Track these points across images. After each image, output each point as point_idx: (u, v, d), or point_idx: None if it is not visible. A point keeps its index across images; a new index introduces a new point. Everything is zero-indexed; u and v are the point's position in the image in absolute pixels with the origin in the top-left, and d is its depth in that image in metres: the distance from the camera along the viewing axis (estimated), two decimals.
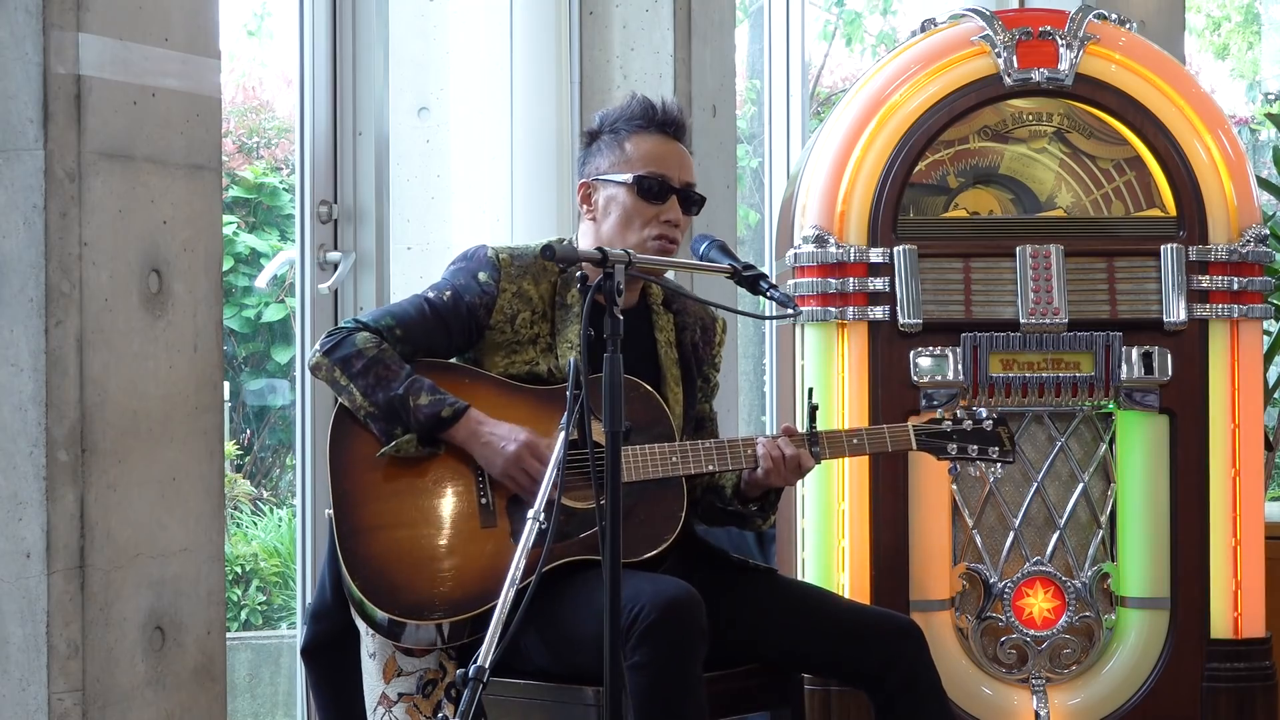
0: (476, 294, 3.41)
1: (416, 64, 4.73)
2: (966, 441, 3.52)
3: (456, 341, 3.44)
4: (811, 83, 7.34)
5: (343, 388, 3.32)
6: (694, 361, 3.58)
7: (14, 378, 3.06)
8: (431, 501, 3.31)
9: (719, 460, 3.40)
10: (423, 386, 3.30)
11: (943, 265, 4.00)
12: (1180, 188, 4.04)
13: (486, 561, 3.26)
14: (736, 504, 3.50)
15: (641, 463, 3.34)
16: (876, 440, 3.51)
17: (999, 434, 3.54)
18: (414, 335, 3.39)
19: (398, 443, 3.30)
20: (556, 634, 3.28)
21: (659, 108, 3.52)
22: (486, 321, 3.41)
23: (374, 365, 3.31)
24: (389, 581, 3.25)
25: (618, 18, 4.96)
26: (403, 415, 3.28)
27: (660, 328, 3.55)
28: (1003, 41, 4.04)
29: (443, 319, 3.41)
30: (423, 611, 3.24)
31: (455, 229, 4.72)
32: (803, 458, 3.42)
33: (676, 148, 3.52)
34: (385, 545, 3.27)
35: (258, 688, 5.55)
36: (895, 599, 3.91)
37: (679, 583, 3.22)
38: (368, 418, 3.31)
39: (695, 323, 3.61)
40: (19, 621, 3.06)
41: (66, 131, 3.07)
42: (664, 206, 3.46)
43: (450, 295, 3.42)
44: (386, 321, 3.38)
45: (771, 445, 3.40)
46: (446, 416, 3.29)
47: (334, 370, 3.32)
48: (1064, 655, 4.03)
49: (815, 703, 3.89)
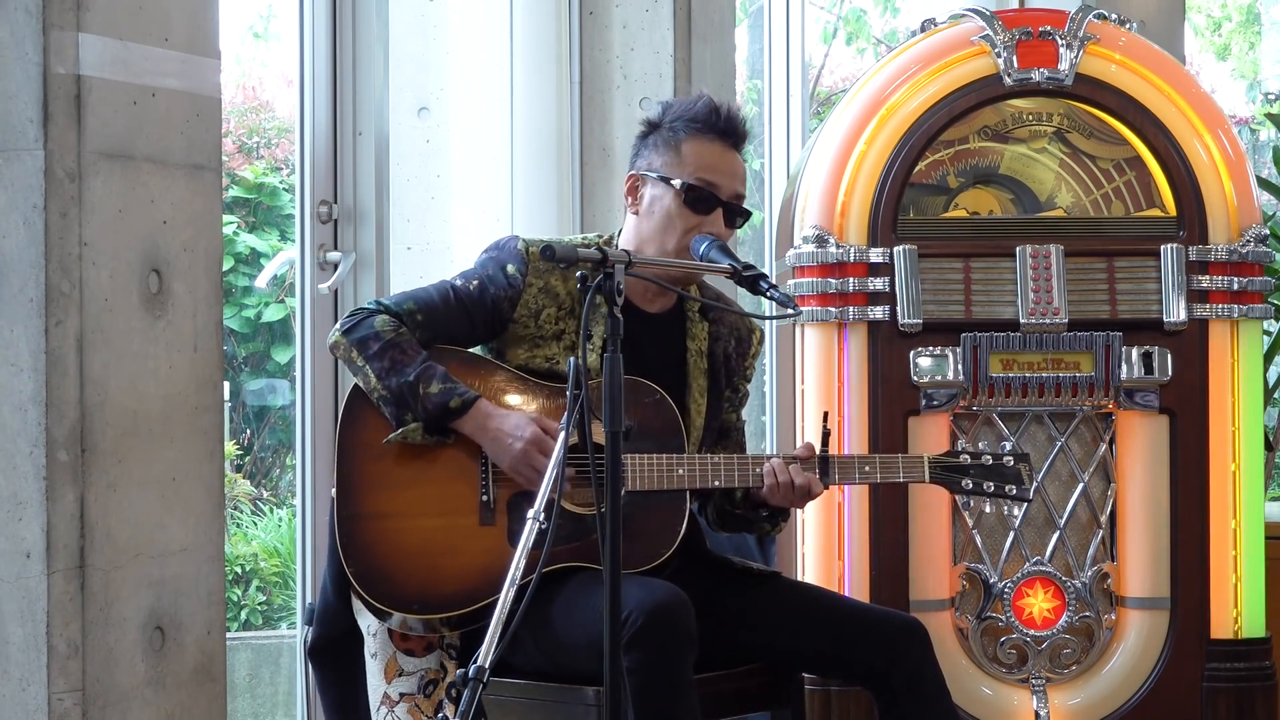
0: (503, 286, 3.40)
1: (416, 64, 4.73)
2: (983, 478, 3.44)
3: (479, 331, 3.42)
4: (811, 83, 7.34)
5: (359, 368, 3.32)
6: (724, 372, 3.54)
7: (14, 378, 3.06)
8: (433, 494, 3.31)
9: (725, 477, 3.36)
10: (435, 374, 3.29)
11: (943, 265, 4.00)
12: (1180, 188, 4.04)
13: (480, 560, 3.26)
14: (746, 509, 3.49)
15: (645, 472, 3.31)
16: (889, 469, 3.45)
17: (1019, 471, 3.45)
18: (435, 321, 3.38)
19: (404, 430, 3.29)
20: (548, 637, 3.28)
21: (723, 113, 3.44)
22: (510, 315, 3.40)
23: (390, 349, 3.30)
24: (381, 570, 3.25)
25: (618, 18, 4.96)
26: (412, 402, 3.28)
27: (693, 336, 3.51)
28: (1003, 41, 4.04)
29: (466, 308, 3.40)
30: (411, 604, 3.25)
31: (455, 229, 4.72)
32: (812, 485, 3.37)
33: (732, 157, 3.45)
34: (382, 534, 3.28)
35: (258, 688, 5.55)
36: (895, 599, 3.91)
37: (668, 586, 3.20)
38: (380, 400, 3.31)
39: (731, 334, 3.57)
40: (19, 621, 3.06)
41: (66, 131, 3.07)
42: (708, 218, 3.40)
43: (477, 285, 3.41)
44: (409, 306, 3.38)
45: (780, 469, 3.36)
46: (455, 407, 3.29)
47: (351, 350, 3.33)
48: (1064, 655, 4.03)
49: (815, 703, 3.90)
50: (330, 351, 3.40)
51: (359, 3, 4.37)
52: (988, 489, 3.44)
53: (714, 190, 3.41)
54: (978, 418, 4.03)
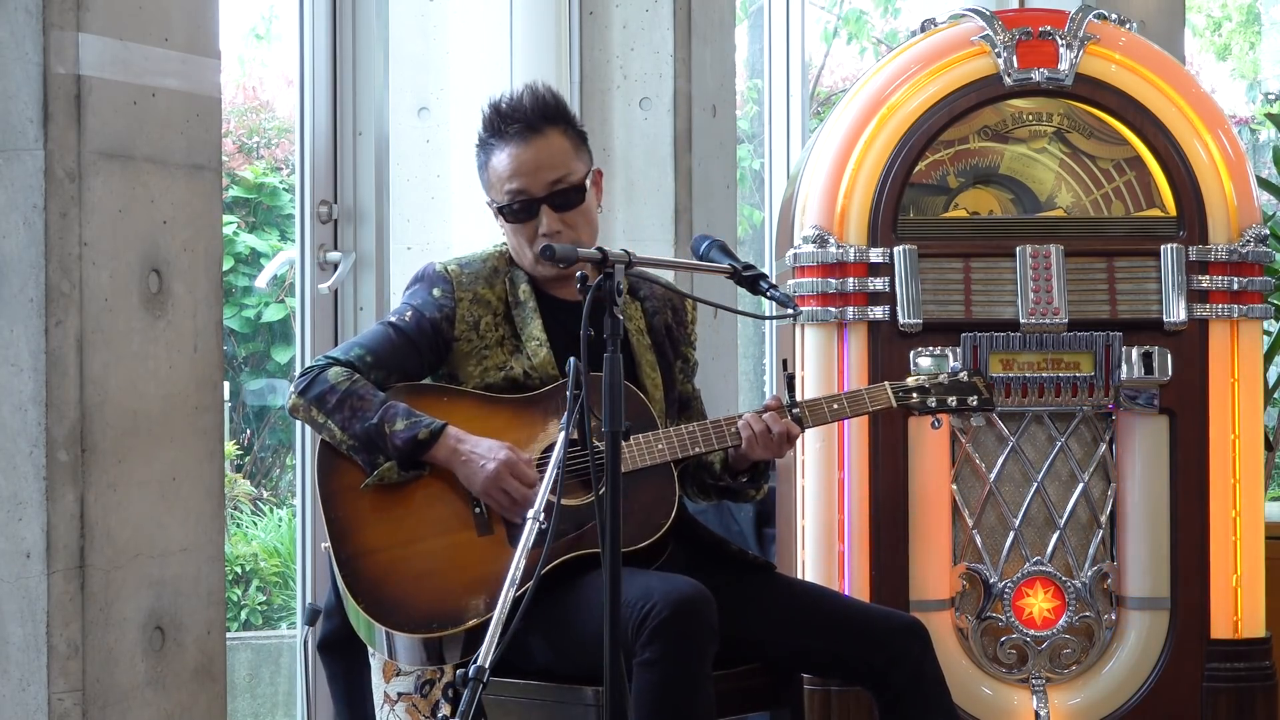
0: (435, 309, 3.43)
1: (416, 64, 4.73)
2: (945, 394, 3.54)
3: (428, 360, 3.45)
4: (811, 83, 7.34)
5: (321, 425, 3.34)
6: (668, 343, 3.58)
7: (14, 378, 3.06)
8: (426, 518, 3.32)
9: (704, 442, 3.39)
10: (398, 412, 3.31)
11: (943, 265, 4.00)
12: (1180, 188, 4.04)
13: (489, 568, 3.26)
14: (726, 478, 3.50)
15: (629, 455, 3.33)
16: (856, 403, 3.52)
17: (975, 383, 3.56)
18: (386, 361, 3.40)
19: (379, 472, 3.31)
20: (563, 635, 3.28)
21: (502, 110, 3.45)
22: (451, 334, 3.43)
23: (348, 398, 3.32)
24: (391, 601, 3.25)
25: (618, 18, 4.96)
26: (381, 443, 3.30)
27: (629, 316, 3.53)
28: (1003, 41, 4.04)
29: (410, 340, 3.42)
30: (430, 624, 3.23)
31: (455, 229, 4.72)
32: (790, 428, 3.41)
33: (528, 151, 3.44)
34: (386, 565, 3.28)
35: (258, 688, 5.55)
36: (895, 599, 3.91)
37: (691, 581, 3.23)
38: (350, 450, 3.32)
39: (664, 305, 3.60)
40: (19, 621, 3.06)
41: (66, 131, 3.07)
42: (538, 220, 3.43)
43: (412, 315, 3.44)
44: (356, 352, 3.40)
45: (754, 419, 3.39)
46: (424, 439, 3.30)
47: (310, 409, 3.34)
48: (1064, 655, 4.03)
49: (815, 703, 3.89)
50: (290, 415, 3.41)
51: (359, 3, 4.38)
52: (951, 404, 3.55)
53: (526, 194, 3.43)
54: (978, 417, 4.02)
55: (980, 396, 3.56)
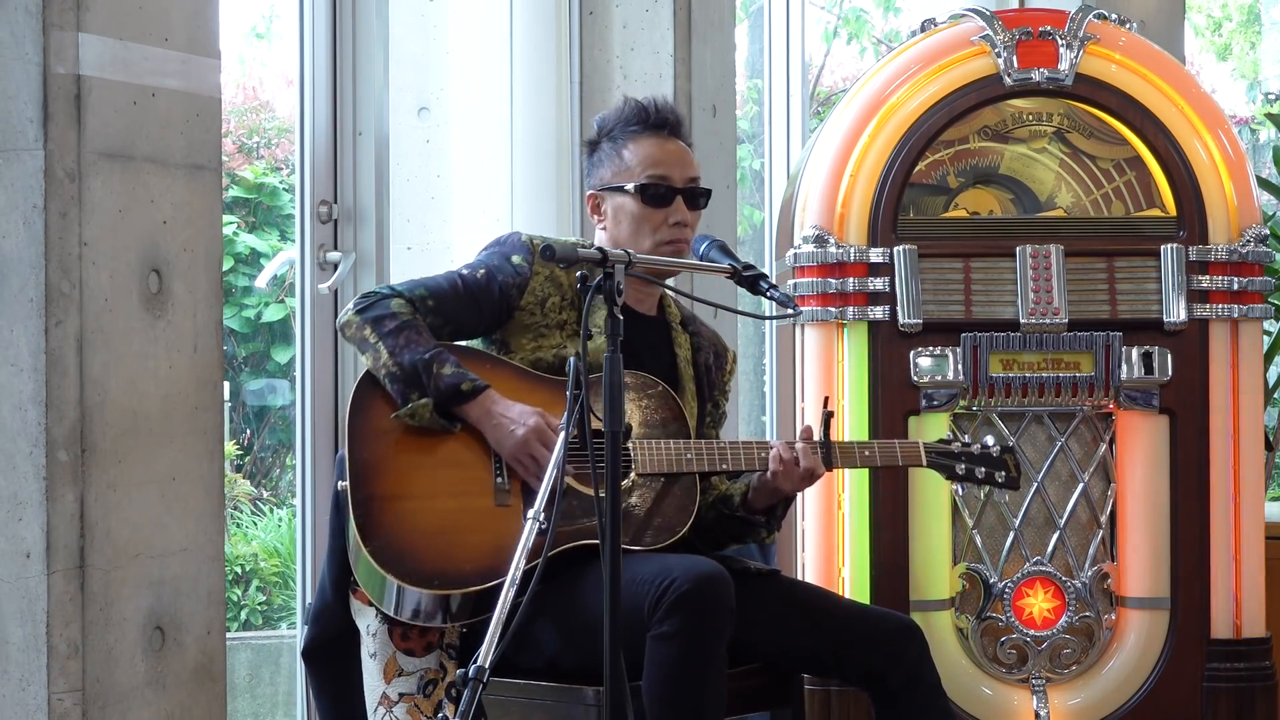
0: (510, 274, 3.46)
1: (416, 64, 4.73)
2: (974, 464, 3.56)
3: (486, 320, 3.48)
4: (811, 83, 7.33)
5: (370, 345, 3.34)
6: (706, 384, 3.63)
7: (14, 378, 3.06)
8: (447, 476, 3.33)
9: (733, 460, 3.43)
10: (448, 359, 3.34)
11: (943, 265, 4.00)
12: (1180, 188, 4.04)
13: (498, 540, 3.26)
14: (743, 511, 3.52)
15: (657, 456, 3.37)
16: (888, 454, 3.54)
17: (1005, 460, 3.58)
18: (445, 308, 3.43)
19: (413, 406, 3.31)
20: (575, 624, 3.28)
21: (652, 109, 3.56)
22: (517, 302, 3.45)
23: (405, 328, 3.34)
24: (400, 548, 3.26)
25: (618, 18, 4.96)
26: (425, 379, 3.31)
27: (679, 344, 3.60)
28: (1003, 41, 4.04)
29: (474, 296, 3.45)
30: (431, 580, 3.24)
31: (455, 229, 4.72)
32: (816, 467, 3.44)
33: (675, 146, 3.57)
34: (400, 514, 3.29)
35: (258, 688, 5.55)
36: (895, 599, 3.91)
37: (711, 561, 3.25)
38: (388, 378, 3.32)
39: (709, 347, 3.67)
40: (19, 621, 3.06)
41: (66, 131, 3.07)
42: (670, 209, 3.52)
43: (484, 274, 3.47)
44: (420, 292, 3.43)
45: (785, 449, 3.42)
46: (466, 390, 3.32)
47: (364, 328, 3.36)
48: (1064, 655, 4.03)
49: (815, 703, 3.90)
50: (340, 331, 3.44)
51: (359, 3, 4.37)
52: (979, 475, 3.56)
53: (667, 181, 3.52)
54: (977, 418, 4.03)
55: (1008, 474, 3.58)
